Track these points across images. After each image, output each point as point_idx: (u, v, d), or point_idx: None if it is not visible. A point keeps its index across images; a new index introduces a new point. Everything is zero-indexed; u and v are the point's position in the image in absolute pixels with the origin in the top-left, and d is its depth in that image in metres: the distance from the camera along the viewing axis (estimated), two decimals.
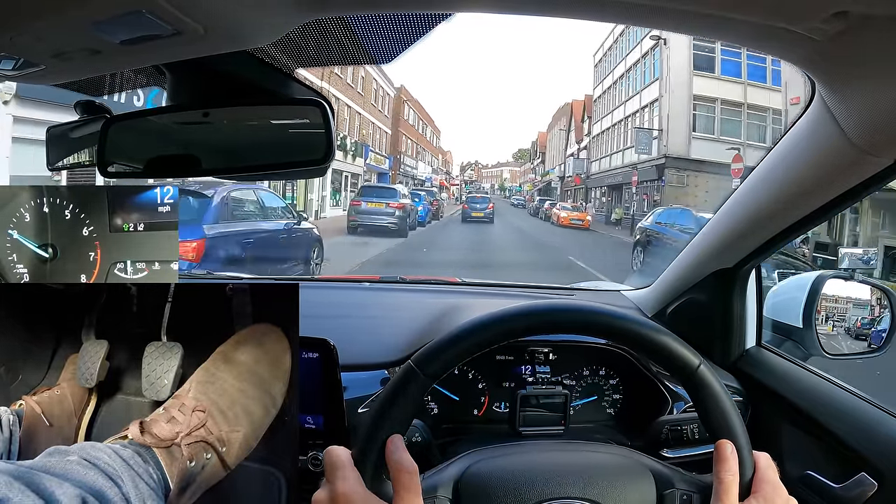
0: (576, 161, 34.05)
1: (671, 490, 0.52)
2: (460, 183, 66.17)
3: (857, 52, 0.45)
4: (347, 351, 0.74)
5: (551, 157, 51.29)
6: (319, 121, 0.58)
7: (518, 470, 0.54)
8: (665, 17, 0.47)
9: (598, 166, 30.80)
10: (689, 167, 18.85)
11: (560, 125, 45.29)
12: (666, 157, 19.44)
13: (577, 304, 0.54)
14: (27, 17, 0.40)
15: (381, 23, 0.54)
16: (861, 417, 0.80)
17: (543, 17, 0.48)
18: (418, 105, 39.75)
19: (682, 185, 18.82)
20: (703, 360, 0.52)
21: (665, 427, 0.89)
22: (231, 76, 0.59)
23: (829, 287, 1.00)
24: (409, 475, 0.46)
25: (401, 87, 32.99)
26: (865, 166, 0.62)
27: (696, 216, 8.31)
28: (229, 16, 0.43)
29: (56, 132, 0.82)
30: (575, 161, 34.31)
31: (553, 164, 48.84)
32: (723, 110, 19.23)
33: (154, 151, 0.64)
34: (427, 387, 0.51)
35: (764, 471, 0.50)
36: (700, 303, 1.02)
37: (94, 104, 0.73)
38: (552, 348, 0.98)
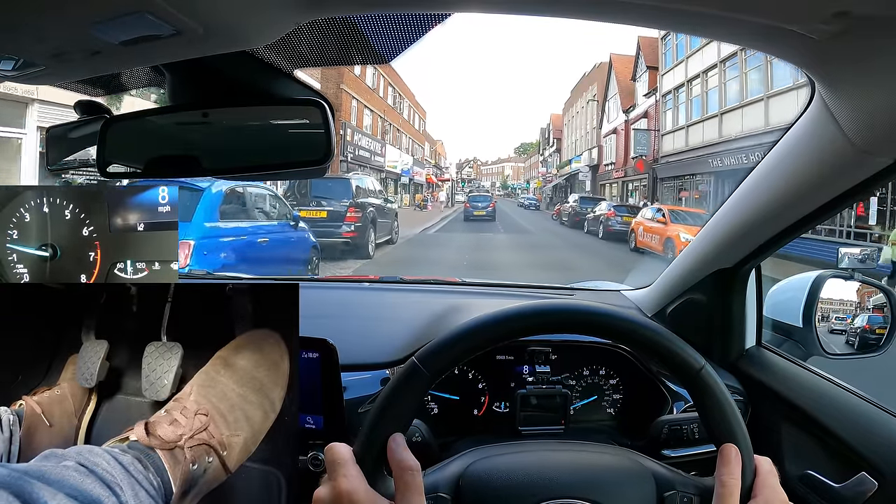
0: (638, 136, 21.25)
1: (672, 492, 0.52)
2: (451, 179, 51.56)
3: (857, 52, 0.45)
4: (347, 351, 0.74)
5: (572, 142, 38.95)
6: (319, 121, 0.58)
7: (520, 469, 0.54)
8: (665, 17, 0.47)
9: (678, 141, 18.30)
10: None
11: (588, 95, 33.09)
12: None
13: (581, 304, 0.54)
14: (27, 17, 0.40)
15: (381, 23, 0.54)
16: (861, 417, 0.80)
17: (543, 17, 0.48)
18: (388, 69, 26.46)
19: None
20: (706, 362, 0.52)
21: (665, 427, 0.89)
22: (230, 76, 0.59)
23: (829, 287, 1.00)
24: (412, 473, 0.46)
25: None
26: (865, 166, 0.62)
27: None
28: (229, 16, 0.43)
29: (56, 132, 0.82)
30: (636, 135, 21.39)
31: (577, 151, 35.85)
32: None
33: (154, 152, 0.64)
34: (430, 384, 0.51)
35: (765, 476, 0.51)
36: (700, 303, 1.02)
37: (93, 104, 0.73)
38: (552, 348, 0.98)
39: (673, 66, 18.93)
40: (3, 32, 0.42)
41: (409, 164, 32.64)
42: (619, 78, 25.39)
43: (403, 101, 33.50)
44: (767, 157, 0.75)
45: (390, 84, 29.21)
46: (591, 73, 33.52)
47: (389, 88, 29.21)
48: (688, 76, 17.78)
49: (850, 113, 0.56)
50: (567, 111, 42.41)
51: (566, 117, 42.64)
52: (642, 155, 20.92)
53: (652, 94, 21.07)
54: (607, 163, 27.44)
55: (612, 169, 26.45)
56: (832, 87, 0.54)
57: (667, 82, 19.55)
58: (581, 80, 37.20)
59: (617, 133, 25.63)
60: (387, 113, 27.89)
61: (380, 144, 25.78)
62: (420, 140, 39.85)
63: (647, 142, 20.75)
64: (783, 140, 0.71)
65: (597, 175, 29.69)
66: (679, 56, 18.31)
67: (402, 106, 32.92)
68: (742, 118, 14.52)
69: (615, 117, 26.08)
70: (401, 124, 32.10)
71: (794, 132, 0.68)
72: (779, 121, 12.37)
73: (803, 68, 0.51)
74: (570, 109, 40.52)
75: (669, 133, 19.33)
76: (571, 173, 35.24)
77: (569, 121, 41.22)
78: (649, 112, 21.45)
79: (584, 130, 34.63)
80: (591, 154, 31.09)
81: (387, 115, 27.87)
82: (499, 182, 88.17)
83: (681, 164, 17.97)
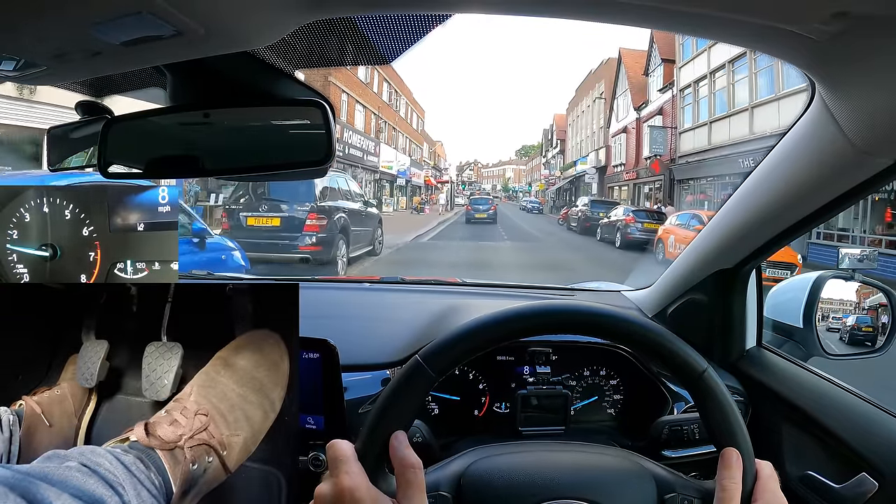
0: (654, 134, 19.60)
1: (672, 495, 0.52)
2: (450, 181, 49.52)
3: (857, 52, 0.45)
4: (348, 351, 0.74)
5: (576, 143, 37.78)
6: (320, 121, 0.58)
7: (521, 469, 0.54)
8: (665, 18, 0.47)
9: (699, 139, 16.60)
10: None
11: (595, 93, 31.81)
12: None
13: (585, 305, 0.54)
14: (27, 18, 0.40)
15: (382, 23, 0.54)
16: (861, 417, 0.80)
17: (543, 17, 0.48)
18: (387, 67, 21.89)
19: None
20: (708, 364, 0.52)
21: (665, 427, 0.89)
22: (231, 77, 0.59)
23: (830, 287, 1.00)
24: (414, 471, 0.46)
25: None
26: (865, 166, 0.62)
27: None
28: (230, 17, 0.43)
29: (57, 133, 0.82)
30: (652, 132, 19.73)
31: (582, 152, 34.76)
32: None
33: (155, 152, 0.64)
34: (433, 383, 0.51)
35: (766, 480, 0.51)
36: (700, 303, 1.02)
37: (94, 105, 0.73)
38: (553, 348, 0.98)
39: (693, 57, 17.34)
40: (4, 33, 0.42)
41: (406, 165, 31.08)
42: (629, 73, 23.92)
43: (400, 99, 31.47)
44: (768, 158, 0.75)
45: (385, 79, 27.35)
46: (599, 70, 32.11)
47: (385, 84, 27.44)
48: (710, 67, 16.15)
49: (850, 113, 0.56)
50: (571, 111, 40.95)
51: (570, 117, 41.20)
52: (657, 155, 19.41)
53: (668, 89, 19.61)
54: (616, 164, 26.04)
55: (621, 170, 25.01)
56: (832, 87, 0.54)
57: (685, 75, 18.04)
58: (587, 78, 35.69)
59: (627, 132, 24.19)
60: (381, 110, 26.21)
61: (373, 143, 24.15)
62: (418, 140, 37.86)
63: (664, 140, 19.21)
64: (783, 141, 0.71)
65: (604, 177, 28.26)
66: (700, 46, 16.47)
67: (398, 103, 30.96)
68: (779, 111, 12.84)
69: (625, 115, 24.67)
70: (397, 122, 30.00)
71: (794, 133, 0.68)
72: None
73: (803, 69, 0.51)
74: (575, 109, 39.11)
75: (689, 130, 17.66)
76: (576, 175, 34.03)
77: (573, 121, 39.80)
78: (664, 108, 20.08)
79: (591, 130, 33.20)
80: (599, 155, 29.54)
81: (381, 112, 26.19)
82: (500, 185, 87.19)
83: (702, 164, 16.44)
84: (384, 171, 25.91)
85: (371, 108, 24.35)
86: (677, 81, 18.72)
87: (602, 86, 30.23)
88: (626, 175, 24.43)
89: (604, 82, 29.81)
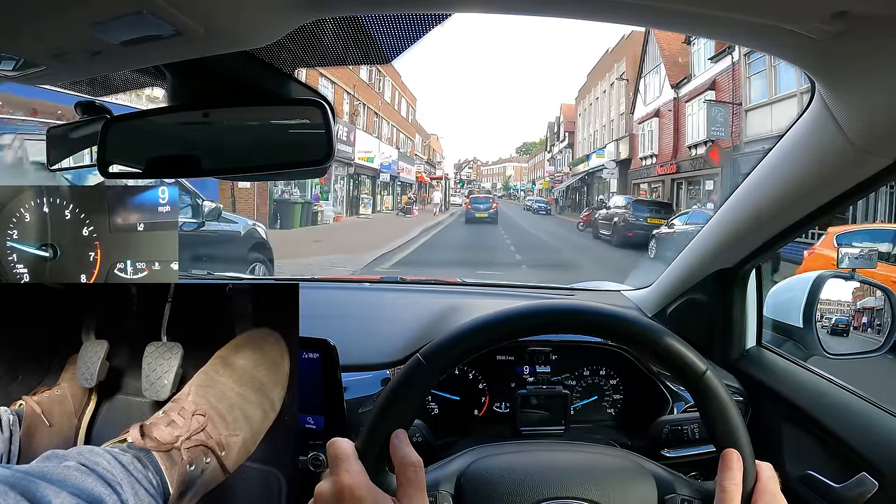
0: (713, 110, 14.39)
1: (673, 495, 0.52)
2: (445, 177, 43.09)
3: (857, 52, 0.45)
4: (348, 351, 0.74)
5: (588, 135, 32.12)
6: (319, 121, 0.58)
7: (521, 468, 0.54)
8: (665, 17, 0.47)
9: (777, 118, 11.86)
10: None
11: (614, 75, 26.12)
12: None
13: (585, 305, 0.54)
14: (27, 17, 0.40)
15: (382, 23, 0.54)
16: (861, 417, 0.80)
17: (543, 17, 0.48)
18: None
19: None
20: (709, 365, 0.52)
21: (665, 427, 0.89)
22: (231, 76, 0.59)
23: (830, 287, 1.00)
24: (414, 469, 0.46)
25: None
26: (865, 166, 0.62)
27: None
28: (229, 16, 0.43)
29: (56, 133, 0.82)
30: (711, 110, 14.47)
31: (597, 144, 28.92)
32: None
33: (154, 152, 0.64)
34: (433, 382, 0.51)
35: (766, 482, 0.50)
36: (700, 303, 1.02)
37: (94, 105, 0.73)
38: (552, 348, 0.98)
39: None
40: (4, 32, 0.42)
41: (393, 159, 25.38)
42: (662, 45, 18.93)
43: (384, 80, 26.05)
44: (768, 157, 0.75)
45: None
46: (619, 47, 26.31)
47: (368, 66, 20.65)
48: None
49: (849, 113, 0.56)
50: (582, 99, 34.81)
51: (581, 106, 34.99)
52: (712, 140, 14.41)
53: (723, 56, 14.67)
54: (645, 155, 20.71)
55: (652, 163, 19.69)
56: (832, 87, 0.54)
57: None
58: (603, 59, 29.74)
59: (660, 115, 18.96)
60: (357, 89, 20.92)
61: (346, 129, 18.87)
62: (408, 130, 32.04)
63: (725, 120, 14.09)
64: (783, 140, 0.71)
65: (628, 172, 22.67)
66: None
67: (381, 84, 25.53)
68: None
69: (656, 96, 19.48)
70: (380, 107, 24.66)
71: (794, 132, 0.68)
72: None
73: (803, 68, 0.51)
74: (587, 97, 33.00)
75: (760, 107, 12.80)
76: (590, 171, 28.63)
77: (584, 110, 33.69)
78: (718, 82, 15.06)
79: (608, 118, 27.54)
80: (619, 146, 23.94)
81: (358, 91, 20.94)
82: (500, 183, 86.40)
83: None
84: (361, 164, 20.83)
85: (341, 84, 19.21)
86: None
87: (623, 65, 24.67)
88: (659, 169, 19.14)
89: (625, 60, 24.28)
